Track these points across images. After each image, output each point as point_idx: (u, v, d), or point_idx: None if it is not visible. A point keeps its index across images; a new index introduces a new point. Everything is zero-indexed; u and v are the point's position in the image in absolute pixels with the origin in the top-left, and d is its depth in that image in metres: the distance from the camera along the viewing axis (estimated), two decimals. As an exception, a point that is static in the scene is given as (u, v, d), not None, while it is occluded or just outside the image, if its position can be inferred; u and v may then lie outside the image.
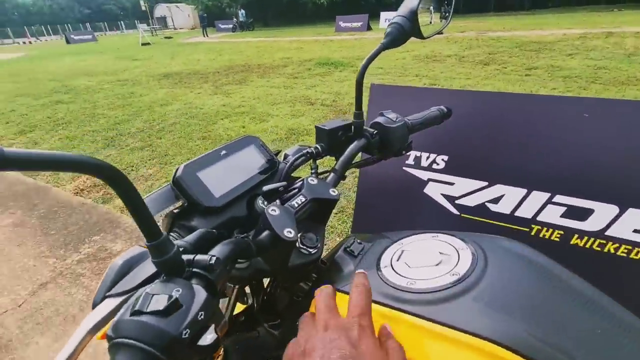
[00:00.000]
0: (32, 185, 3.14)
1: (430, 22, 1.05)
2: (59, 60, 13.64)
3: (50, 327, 1.64)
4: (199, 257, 0.34)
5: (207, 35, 22.80)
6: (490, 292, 0.39)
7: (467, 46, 9.51)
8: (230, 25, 27.77)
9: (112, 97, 6.26)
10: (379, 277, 0.46)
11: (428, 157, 1.68)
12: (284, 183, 0.49)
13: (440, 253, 0.47)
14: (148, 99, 5.94)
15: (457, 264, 0.44)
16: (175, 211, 0.47)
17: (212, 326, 0.31)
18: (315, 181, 0.51)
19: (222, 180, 0.50)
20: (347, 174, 0.62)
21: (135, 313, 0.28)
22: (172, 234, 0.47)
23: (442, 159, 1.65)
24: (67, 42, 26.30)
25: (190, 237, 0.41)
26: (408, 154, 1.45)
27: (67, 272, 1.99)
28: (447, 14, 0.89)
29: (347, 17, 19.35)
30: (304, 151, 0.61)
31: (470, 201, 1.60)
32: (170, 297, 0.29)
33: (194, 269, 0.34)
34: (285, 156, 0.66)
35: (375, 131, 0.66)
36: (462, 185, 1.61)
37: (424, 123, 0.74)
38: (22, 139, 4.29)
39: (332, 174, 0.59)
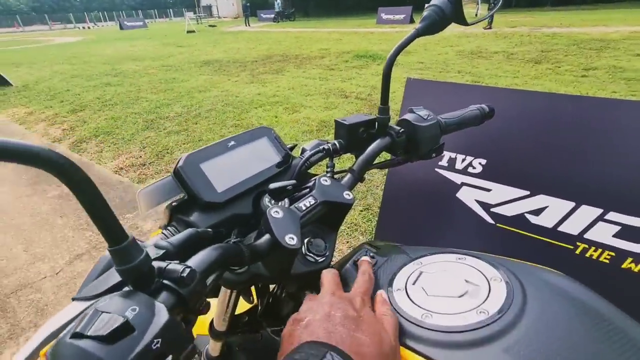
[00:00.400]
0: (77, 160, 3.36)
1: (477, 12, 0.94)
2: (111, 45, 14.50)
3: (81, 296, 1.74)
4: (172, 266, 0.29)
5: (249, 25, 23.17)
6: (526, 343, 0.31)
7: (517, 42, 8.88)
8: (272, 15, 28.02)
9: (156, 81, 6.54)
10: (389, 302, 0.40)
11: (464, 160, 1.57)
12: (293, 182, 0.44)
13: (467, 281, 0.39)
14: (188, 85, 6.14)
15: (486, 299, 0.36)
16: (174, 204, 0.45)
17: (170, 357, 0.25)
18: (329, 182, 0.46)
19: (227, 173, 0.46)
20: (374, 172, 0.56)
21: (76, 335, 0.23)
22: (168, 228, 0.44)
23: (480, 163, 1.53)
24: (121, 28, 27.89)
25: (176, 238, 0.37)
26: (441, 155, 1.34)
27: (100, 246, 2.11)
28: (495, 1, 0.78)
29: (389, 9, 18.78)
30: (321, 147, 0.56)
31: (508, 210, 1.48)
32: (121, 318, 0.23)
33: (164, 281, 0.29)
34: (303, 151, 0.62)
35: (402, 129, 0.59)
36: (499, 192, 1.48)
37: (460, 123, 0.65)
38: (73, 118, 4.61)
39: (348, 175, 0.53)
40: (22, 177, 3.06)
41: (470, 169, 1.53)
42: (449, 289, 0.38)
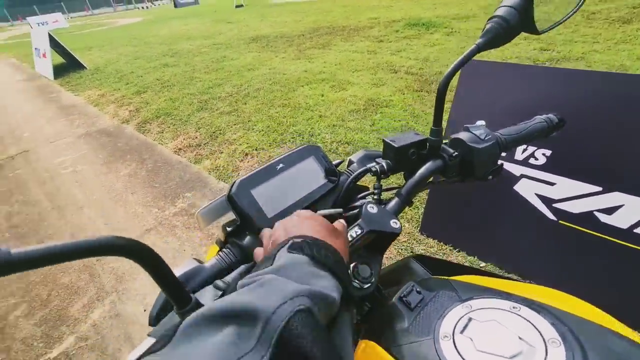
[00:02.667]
0: (143, 141, 3.68)
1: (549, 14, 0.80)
2: (167, 24, 15.17)
3: (151, 267, 1.97)
4: None
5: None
6: None
7: (601, -2, 7.61)
8: (319, -17, 26.95)
9: (208, 60, 6.78)
10: (435, 350, 0.38)
11: (525, 150, 1.45)
12: (340, 210, 0.45)
13: (520, 339, 0.36)
14: (237, 63, 6.28)
15: None
16: (228, 228, 0.48)
17: None
18: (375, 209, 0.46)
19: (276, 198, 0.49)
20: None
21: None
22: (224, 250, 0.48)
23: (543, 154, 1.40)
24: (175, 5, 28.94)
25: (232, 277, 0.41)
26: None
27: (165, 222, 2.34)
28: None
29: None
30: (368, 166, 0.55)
31: (574, 207, 1.35)
32: None
33: None
34: (350, 162, 0.62)
35: (455, 152, 0.55)
36: (565, 186, 1.36)
37: (523, 139, 0.59)
38: (137, 99, 5.00)
39: (395, 199, 0.52)
40: (98, 156, 3.45)
41: (532, 160, 1.41)
42: (501, 345, 0.36)
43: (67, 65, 7.76)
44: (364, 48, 6.21)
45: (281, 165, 0.51)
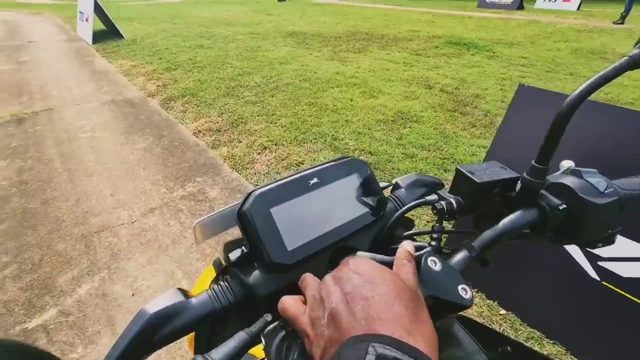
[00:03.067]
0: (164, 117, 3.64)
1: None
2: (209, 7, 15.36)
3: (147, 249, 1.89)
4: None
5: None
6: None
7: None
8: (364, -11, 26.90)
9: (242, 48, 6.76)
10: None
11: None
12: (390, 259, 0.32)
13: None
14: (271, 55, 6.22)
15: None
16: (232, 257, 0.36)
17: None
18: (438, 266, 0.33)
19: (303, 224, 0.37)
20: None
21: None
22: (221, 282, 0.36)
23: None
24: (219, -9, 29.43)
25: (223, 352, 0.29)
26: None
27: (171, 204, 2.26)
28: None
29: (496, -9, 16.64)
30: (427, 199, 0.42)
31: (624, 269, 1.18)
32: None
33: None
34: (396, 186, 0.49)
35: (562, 204, 0.39)
36: (616, 244, 1.18)
37: None
38: (167, 75, 5.00)
39: (463, 252, 0.38)
40: (118, 125, 3.42)
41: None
42: None
43: (107, 33, 7.89)
44: (400, 59, 6.06)
45: (315, 180, 0.39)
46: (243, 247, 0.36)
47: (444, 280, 0.32)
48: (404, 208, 0.42)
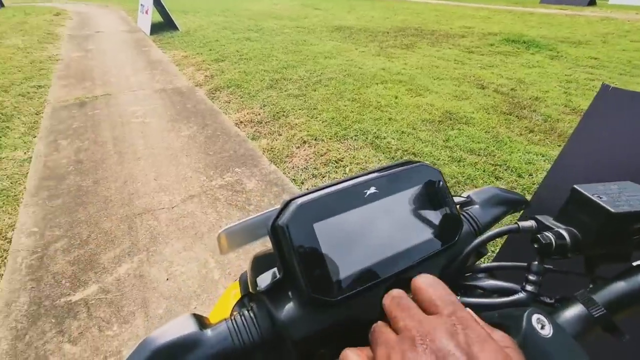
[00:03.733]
0: (209, 107, 3.74)
1: None
2: (259, 1, 15.66)
3: (184, 236, 1.92)
4: None
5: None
6: None
7: None
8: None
9: (288, 41, 6.79)
10: None
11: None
12: (494, 313, 0.23)
13: None
14: (316, 49, 6.17)
15: None
16: (261, 284, 0.29)
17: None
18: (548, 329, 0.23)
19: (354, 246, 0.29)
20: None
21: None
22: (244, 312, 0.29)
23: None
24: (269, -14, 30.00)
25: None
26: None
27: (209, 192, 2.29)
28: None
29: (564, -15, 15.21)
30: (522, 225, 0.32)
31: None
32: None
33: None
34: (468, 202, 0.39)
35: None
36: None
37: None
38: (214, 66, 5.14)
39: (578, 306, 0.27)
40: (167, 113, 3.56)
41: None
42: None
43: (163, 25, 8.32)
44: (451, 56, 5.73)
45: (372, 190, 0.31)
46: (276, 270, 0.29)
47: (556, 351, 0.22)
48: (488, 235, 0.33)
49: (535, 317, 0.23)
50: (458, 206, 0.40)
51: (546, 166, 2.55)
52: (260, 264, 0.31)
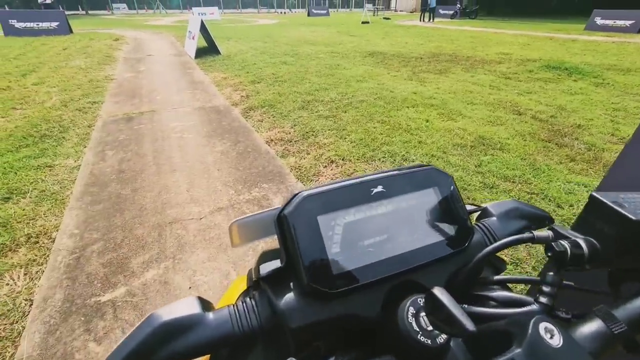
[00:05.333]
0: (243, 125, 3.90)
1: None
2: (297, 29, 16.48)
3: (209, 246, 1.97)
4: None
5: (425, 20, 22.30)
6: None
7: None
8: (451, 12, 26.14)
9: (322, 65, 7.02)
10: None
11: None
12: (473, 330, 0.22)
13: None
14: (349, 73, 6.32)
15: None
16: (262, 271, 0.30)
17: None
18: (557, 339, 0.21)
19: (357, 242, 0.29)
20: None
21: None
22: (247, 300, 0.30)
23: None
24: (308, 14, 31.50)
25: None
26: None
27: (236, 206, 2.36)
28: None
29: (610, 12, 14.65)
30: (537, 235, 0.31)
31: None
32: None
33: None
34: (486, 213, 0.38)
35: None
36: None
37: None
38: (250, 87, 5.40)
39: (597, 322, 0.25)
40: (203, 129, 3.76)
41: None
42: None
43: (207, 49, 8.96)
44: (487, 82, 5.63)
45: (379, 188, 0.31)
46: (279, 261, 0.30)
47: None
48: (500, 243, 0.31)
49: (543, 325, 0.21)
50: (475, 217, 0.38)
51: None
52: (266, 257, 0.32)
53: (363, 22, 19.71)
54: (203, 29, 8.45)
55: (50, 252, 1.93)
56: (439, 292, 0.22)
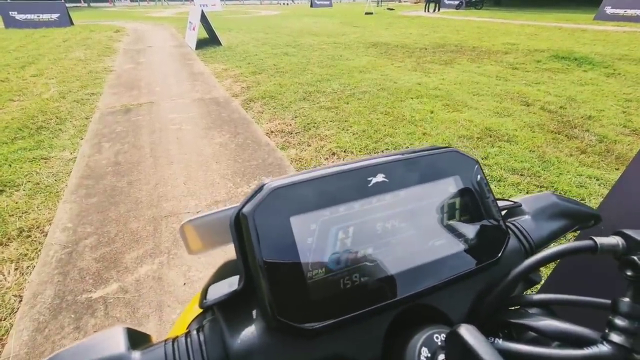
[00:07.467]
0: (243, 116, 3.81)
1: None
2: (299, 20, 16.22)
3: (206, 240, 1.90)
4: None
5: (429, 11, 21.88)
6: None
7: None
8: (457, 2, 25.63)
9: (324, 57, 6.88)
10: None
11: None
12: None
13: None
14: (351, 64, 6.19)
15: None
16: (211, 294, 0.22)
17: None
18: None
19: (350, 255, 0.21)
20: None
21: None
22: (190, 336, 0.22)
23: None
24: (311, 5, 31.02)
25: None
26: None
27: (234, 199, 2.28)
28: None
29: (620, 1, 14.24)
30: (599, 245, 0.22)
31: None
32: None
33: None
34: (518, 210, 0.30)
35: None
36: None
37: None
38: (251, 78, 5.30)
39: None
40: (202, 121, 3.68)
41: None
42: None
43: (208, 41, 8.81)
44: (493, 72, 5.48)
45: (380, 177, 0.22)
46: (239, 279, 0.22)
47: None
48: (547, 254, 0.23)
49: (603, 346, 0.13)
50: (504, 213, 0.29)
51: (601, 190, 2.28)
52: (225, 273, 0.24)
53: (366, 13, 19.37)
54: (204, 20, 8.30)
55: (43, 246, 1.88)
56: (466, 331, 0.15)
